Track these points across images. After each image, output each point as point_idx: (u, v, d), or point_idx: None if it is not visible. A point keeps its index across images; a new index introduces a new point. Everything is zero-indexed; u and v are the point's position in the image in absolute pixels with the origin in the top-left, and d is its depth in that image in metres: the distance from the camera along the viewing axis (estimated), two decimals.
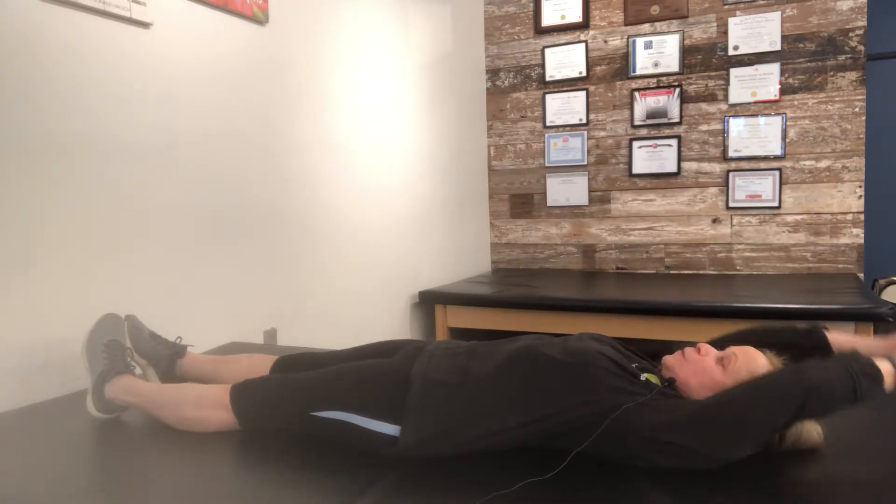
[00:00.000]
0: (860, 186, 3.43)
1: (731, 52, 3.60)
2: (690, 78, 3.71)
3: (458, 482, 1.10)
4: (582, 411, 1.11)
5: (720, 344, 1.28)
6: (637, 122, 3.84)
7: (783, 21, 3.49)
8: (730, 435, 1.04)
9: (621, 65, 3.87)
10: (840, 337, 1.31)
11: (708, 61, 3.67)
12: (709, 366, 1.18)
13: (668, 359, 1.25)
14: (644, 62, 3.80)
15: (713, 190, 3.71)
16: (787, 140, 3.53)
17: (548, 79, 4.05)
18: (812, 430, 1.15)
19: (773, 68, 3.52)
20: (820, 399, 1.00)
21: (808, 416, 1.02)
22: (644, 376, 1.18)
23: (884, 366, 1.05)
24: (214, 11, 2.12)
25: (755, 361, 1.17)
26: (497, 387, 1.18)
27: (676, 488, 1.03)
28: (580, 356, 1.17)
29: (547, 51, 4.04)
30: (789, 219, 3.57)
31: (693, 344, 1.26)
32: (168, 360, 1.64)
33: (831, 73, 3.43)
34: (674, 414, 1.07)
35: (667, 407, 1.09)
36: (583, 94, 3.97)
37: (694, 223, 3.77)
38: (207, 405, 1.36)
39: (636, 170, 3.86)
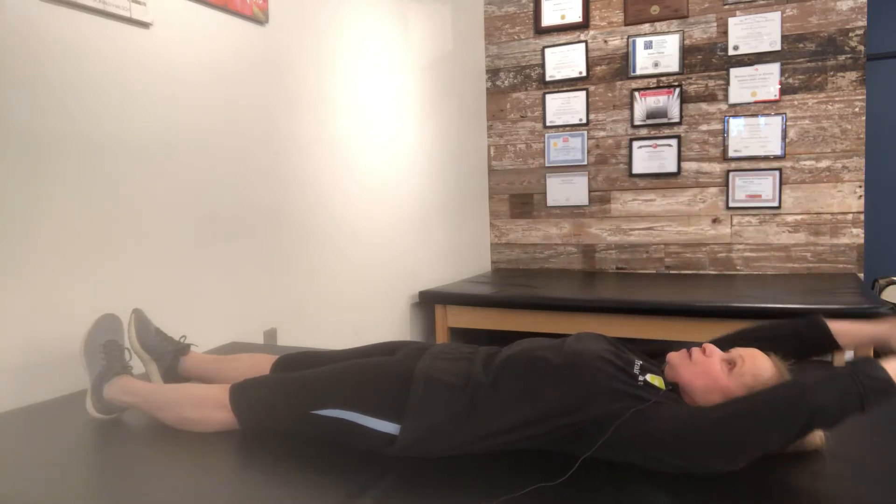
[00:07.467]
0: (860, 186, 3.43)
1: (731, 52, 3.60)
2: (690, 78, 3.71)
3: (456, 484, 1.10)
4: (578, 415, 1.10)
5: (722, 343, 1.27)
6: (637, 122, 3.84)
7: (783, 21, 3.49)
8: (727, 453, 1.03)
9: (621, 65, 3.86)
10: (841, 326, 1.30)
11: (708, 61, 3.66)
12: (714, 368, 1.17)
13: (672, 356, 1.24)
14: (644, 62, 3.80)
15: (713, 190, 3.71)
16: (787, 140, 3.53)
17: (548, 79, 4.05)
18: (814, 436, 1.14)
19: (773, 68, 3.52)
20: (825, 418, 0.99)
21: (813, 431, 1.02)
22: (646, 378, 1.17)
23: (893, 367, 0.99)
24: (214, 11, 2.12)
25: (761, 365, 1.16)
26: (497, 390, 1.18)
27: (682, 491, 1.03)
28: (577, 359, 1.17)
29: (547, 51, 4.04)
30: (789, 219, 3.56)
31: (698, 344, 1.24)
32: (171, 357, 1.64)
33: (831, 73, 3.43)
34: (672, 428, 1.06)
35: (666, 417, 1.08)
36: (583, 94, 3.97)
37: (694, 223, 3.77)
38: (207, 405, 1.36)
39: (636, 170, 3.86)
